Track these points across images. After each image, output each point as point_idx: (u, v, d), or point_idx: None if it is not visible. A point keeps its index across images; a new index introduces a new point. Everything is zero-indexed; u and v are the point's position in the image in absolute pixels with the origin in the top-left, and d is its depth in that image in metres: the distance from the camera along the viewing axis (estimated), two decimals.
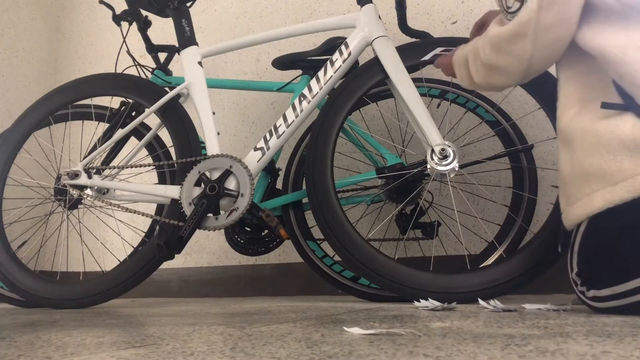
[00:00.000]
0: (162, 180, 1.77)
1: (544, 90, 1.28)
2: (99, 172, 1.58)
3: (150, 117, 1.57)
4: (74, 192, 1.56)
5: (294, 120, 1.44)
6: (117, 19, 1.77)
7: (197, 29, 2.24)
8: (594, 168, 0.88)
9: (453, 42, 1.39)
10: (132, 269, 1.46)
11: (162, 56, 1.85)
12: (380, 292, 1.43)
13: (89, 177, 1.56)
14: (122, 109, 1.73)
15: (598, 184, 0.87)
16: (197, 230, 1.38)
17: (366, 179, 1.55)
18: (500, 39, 0.99)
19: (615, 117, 0.87)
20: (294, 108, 1.44)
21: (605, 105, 0.88)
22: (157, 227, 1.40)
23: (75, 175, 1.55)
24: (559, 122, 0.98)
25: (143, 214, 1.49)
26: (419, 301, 1.19)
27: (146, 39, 1.80)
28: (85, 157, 1.58)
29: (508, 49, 0.99)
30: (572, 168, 0.93)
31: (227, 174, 1.40)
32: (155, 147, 1.75)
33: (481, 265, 1.41)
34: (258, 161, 1.44)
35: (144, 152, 1.75)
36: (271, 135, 1.45)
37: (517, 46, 0.96)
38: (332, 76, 1.43)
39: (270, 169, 1.63)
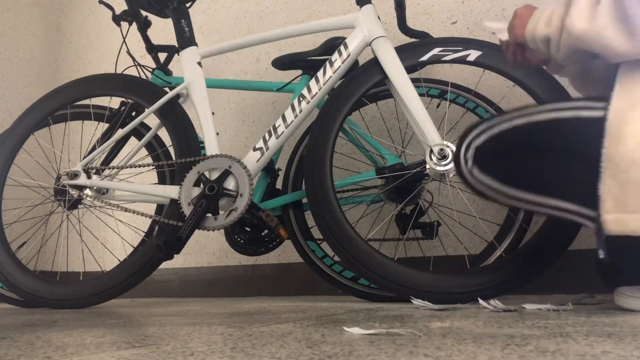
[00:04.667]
0: (161, 180, 1.77)
1: (542, 89, 1.29)
2: (98, 172, 1.58)
3: (150, 117, 1.57)
4: (74, 192, 1.56)
5: (293, 121, 1.44)
6: (117, 19, 1.77)
7: (197, 29, 2.24)
8: None
9: (452, 42, 1.39)
10: (132, 268, 1.46)
11: (162, 56, 1.85)
12: (380, 292, 1.43)
13: (88, 177, 1.55)
14: (121, 109, 1.73)
15: None
16: (197, 230, 1.38)
17: (366, 179, 1.55)
18: None
19: None
20: (293, 108, 1.44)
21: None
22: (156, 227, 1.40)
23: (75, 175, 1.55)
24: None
25: (142, 214, 1.49)
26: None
27: (146, 39, 1.80)
28: (84, 157, 1.58)
29: None
30: None
31: (226, 174, 1.40)
32: (155, 147, 1.75)
33: (481, 265, 1.41)
34: (257, 161, 1.44)
35: (144, 152, 1.75)
36: (270, 135, 1.45)
37: None
38: (331, 76, 1.43)
39: (269, 169, 1.63)
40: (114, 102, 1.78)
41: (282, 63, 1.68)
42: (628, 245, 0.88)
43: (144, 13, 1.74)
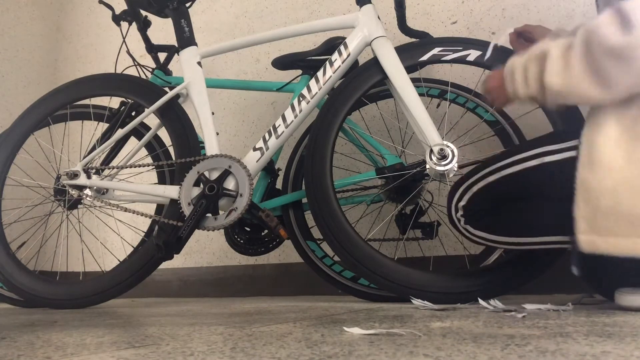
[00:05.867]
0: (161, 180, 1.76)
1: None
2: (98, 172, 1.58)
3: (150, 117, 1.57)
4: (74, 192, 1.56)
5: (293, 121, 1.44)
6: (116, 19, 1.77)
7: (197, 29, 2.23)
8: None
9: (452, 42, 1.39)
10: (132, 268, 1.46)
11: (162, 56, 1.85)
12: (380, 292, 1.43)
13: (88, 177, 1.55)
14: (121, 109, 1.73)
15: None
16: (197, 230, 1.38)
17: (366, 179, 1.55)
18: None
19: None
20: (293, 108, 1.44)
21: None
22: (156, 227, 1.40)
23: (75, 175, 1.54)
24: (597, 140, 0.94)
25: (142, 214, 1.49)
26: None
27: (146, 39, 1.80)
28: (84, 157, 1.58)
29: None
30: (616, 202, 0.89)
31: (226, 174, 1.40)
32: (154, 147, 1.75)
33: (481, 265, 1.41)
34: (257, 161, 1.44)
35: (144, 151, 1.75)
36: (270, 135, 1.45)
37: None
38: (331, 76, 1.43)
39: (269, 169, 1.63)
40: (114, 102, 1.78)
41: (282, 63, 1.68)
42: (602, 261, 0.95)
43: (143, 13, 1.74)
